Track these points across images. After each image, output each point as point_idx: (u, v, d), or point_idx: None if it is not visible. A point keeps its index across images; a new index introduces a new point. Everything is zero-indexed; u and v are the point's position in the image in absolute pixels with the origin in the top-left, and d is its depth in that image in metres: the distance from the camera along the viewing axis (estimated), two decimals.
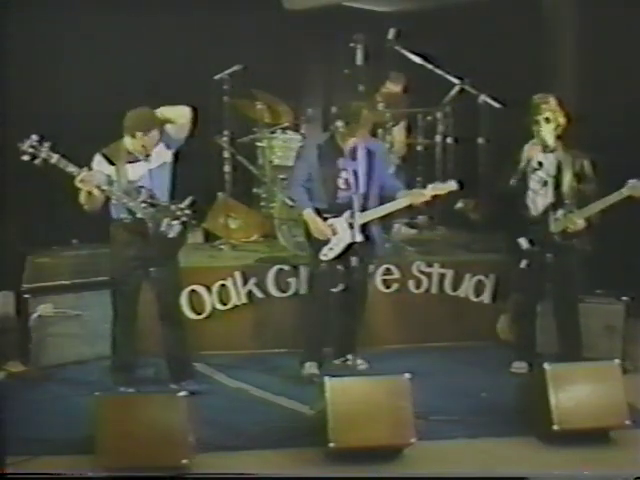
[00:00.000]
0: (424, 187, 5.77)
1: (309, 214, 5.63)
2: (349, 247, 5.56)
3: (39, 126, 6.60)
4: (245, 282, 6.35)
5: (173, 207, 5.28)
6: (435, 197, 5.76)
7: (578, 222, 5.52)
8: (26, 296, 5.93)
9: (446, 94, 7.13)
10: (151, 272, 5.34)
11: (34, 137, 4.90)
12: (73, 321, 5.98)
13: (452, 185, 5.68)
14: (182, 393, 4.58)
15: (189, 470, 4.41)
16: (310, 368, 5.71)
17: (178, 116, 5.29)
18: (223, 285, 6.32)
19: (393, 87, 7.63)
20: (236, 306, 6.35)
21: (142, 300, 5.47)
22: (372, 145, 5.78)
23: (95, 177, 5.07)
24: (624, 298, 5.97)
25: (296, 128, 7.43)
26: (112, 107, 5.44)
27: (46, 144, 4.91)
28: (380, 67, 7.48)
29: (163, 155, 5.31)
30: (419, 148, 7.41)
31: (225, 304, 6.33)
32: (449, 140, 7.27)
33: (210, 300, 6.31)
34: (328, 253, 5.62)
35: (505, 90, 6.79)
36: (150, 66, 7.27)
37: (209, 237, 7.42)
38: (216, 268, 6.50)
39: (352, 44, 7.08)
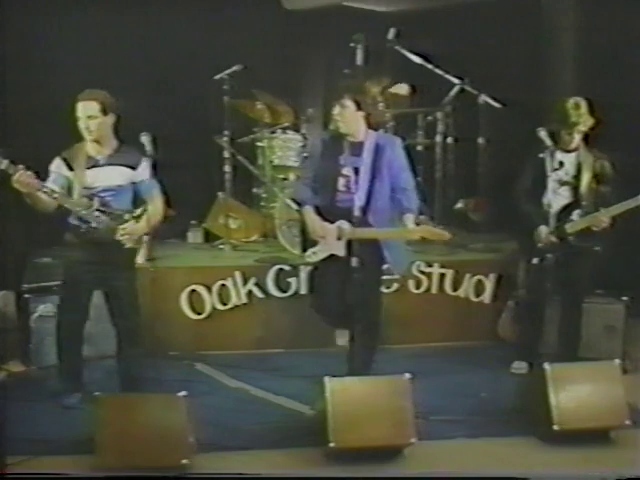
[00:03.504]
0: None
1: (307, 212, 5.27)
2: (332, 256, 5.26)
3: (38, 126, 6.73)
4: (245, 282, 6.35)
5: (127, 216, 5.05)
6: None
7: (604, 220, 5.43)
8: (26, 296, 5.94)
9: (446, 94, 7.13)
10: (105, 281, 5.16)
11: None
12: None
13: (445, 234, 5.30)
14: (182, 393, 4.57)
15: (189, 470, 4.41)
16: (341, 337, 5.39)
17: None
18: (223, 285, 6.32)
19: (399, 90, 7.42)
20: (236, 306, 6.34)
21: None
22: (382, 139, 5.23)
23: (33, 181, 4.80)
24: (624, 298, 5.97)
25: (296, 128, 7.41)
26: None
27: None
28: (380, 67, 7.47)
29: (123, 176, 5.09)
30: (419, 148, 7.40)
31: (225, 304, 6.33)
32: (449, 140, 7.26)
33: (210, 300, 6.31)
34: (312, 256, 5.35)
35: (505, 90, 6.78)
36: (150, 66, 7.27)
37: (209, 237, 7.43)
38: (216, 268, 6.50)
39: (352, 44, 7.07)
